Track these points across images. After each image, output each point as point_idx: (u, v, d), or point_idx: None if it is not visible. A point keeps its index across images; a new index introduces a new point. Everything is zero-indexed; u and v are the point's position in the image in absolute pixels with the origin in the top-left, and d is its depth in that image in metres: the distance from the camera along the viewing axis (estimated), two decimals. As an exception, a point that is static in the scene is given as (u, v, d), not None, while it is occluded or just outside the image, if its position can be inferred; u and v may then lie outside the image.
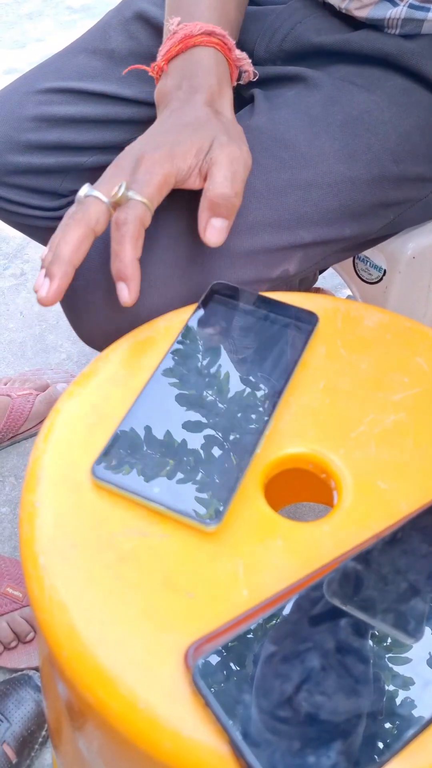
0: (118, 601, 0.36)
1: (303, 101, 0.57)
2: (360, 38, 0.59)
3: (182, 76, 0.52)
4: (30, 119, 0.65)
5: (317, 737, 0.30)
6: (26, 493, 0.40)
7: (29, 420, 1.01)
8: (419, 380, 0.46)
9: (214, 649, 0.32)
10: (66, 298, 0.54)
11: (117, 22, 0.67)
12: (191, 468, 0.40)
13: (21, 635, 0.82)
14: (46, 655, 0.41)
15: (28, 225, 0.71)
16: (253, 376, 0.45)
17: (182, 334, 0.47)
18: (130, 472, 0.40)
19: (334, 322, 0.49)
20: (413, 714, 0.31)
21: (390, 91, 0.57)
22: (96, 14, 2.11)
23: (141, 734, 0.32)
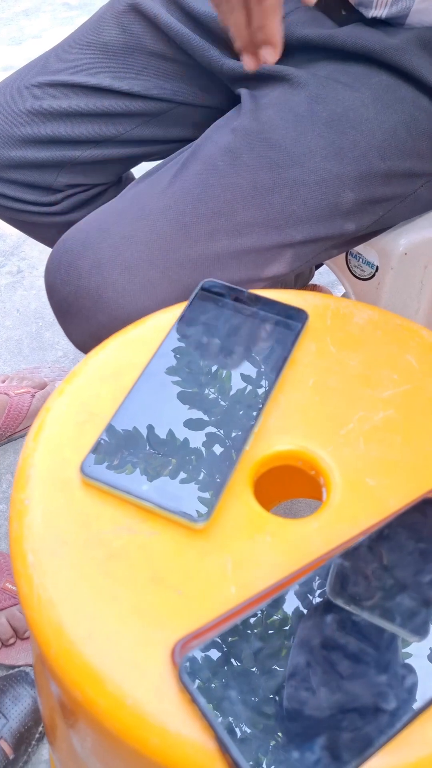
0: (106, 598, 0.36)
1: (288, 100, 0.57)
2: (344, 34, 0.59)
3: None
4: (24, 113, 0.65)
5: (302, 733, 0.30)
6: (16, 491, 0.40)
7: (27, 418, 1.01)
8: (409, 377, 0.46)
9: (200, 646, 0.32)
10: (57, 306, 0.54)
11: (110, 16, 0.67)
12: (180, 465, 0.40)
13: (19, 631, 0.82)
14: (38, 653, 0.41)
15: (23, 221, 0.71)
16: (242, 374, 0.45)
17: (171, 331, 0.47)
18: (120, 470, 0.40)
19: (324, 319, 0.49)
20: (398, 709, 0.31)
21: (374, 88, 0.57)
22: (93, 10, 2.10)
23: (128, 731, 0.33)
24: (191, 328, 0.47)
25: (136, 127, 0.67)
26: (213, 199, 0.53)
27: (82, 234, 0.54)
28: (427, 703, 0.31)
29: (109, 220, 0.54)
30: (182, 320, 0.47)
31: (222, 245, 0.53)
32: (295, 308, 0.48)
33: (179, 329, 0.47)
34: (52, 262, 0.54)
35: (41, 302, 1.26)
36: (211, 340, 0.47)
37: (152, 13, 0.65)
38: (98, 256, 0.52)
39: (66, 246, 0.54)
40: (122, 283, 0.51)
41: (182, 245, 0.52)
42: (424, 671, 0.32)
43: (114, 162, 0.67)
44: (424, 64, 0.57)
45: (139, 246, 0.52)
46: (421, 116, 0.58)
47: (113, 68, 0.66)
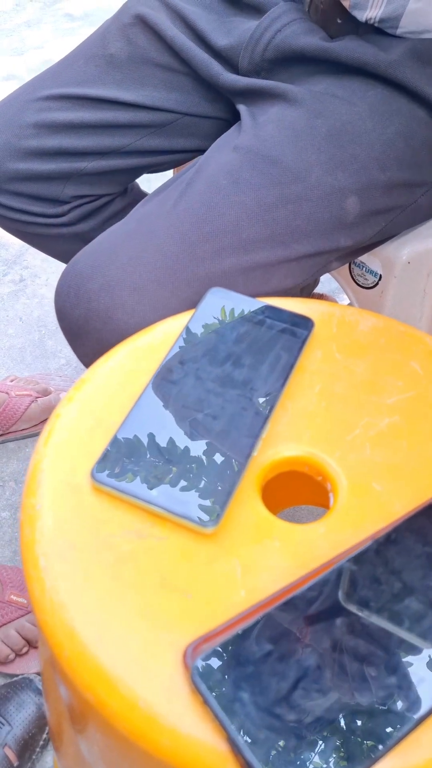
0: (117, 601, 0.36)
1: (287, 117, 0.58)
2: (339, 48, 0.60)
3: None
4: (30, 126, 0.66)
5: (314, 734, 0.30)
6: (27, 497, 0.41)
7: (22, 421, 1.01)
8: (413, 384, 0.46)
9: (212, 649, 0.33)
10: (68, 328, 0.55)
11: (116, 28, 0.68)
12: (189, 471, 0.41)
13: (32, 641, 0.82)
14: (48, 657, 0.41)
15: (30, 232, 0.72)
16: (250, 381, 0.46)
17: (179, 339, 0.47)
18: (129, 476, 0.40)
19: (330, 326, 0.50)
20: (407, 711, 0.31)
21: (371, 101, 0.58)
22: (95, 21, 2.12)
23: (140, 732, 0.33)
24: (198, 336, 0.48)
25: (141, 138, 0.68)
26: (218, 218, 0.54)
27: (91, 257, 0.54)
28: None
29: (117, 242, 0.55)
30: (189, 328, 0.48)
31: (229, 262, 0.54)
32: (301, 316, 0.49)
33: (187, 337, 0.48)
34: (62, 286, 0.55)
35: (44, 310, 1.26)
36: (218, 347, 0.47)
37: (157, 26, 0.66)
38: (107, 279, 0.53)
39: (75, 269, 0.54)
40: (132, 304, 0.52)
41: (189, 264, 0.53)
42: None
43: (120, 173, 0.68)
44: (418, 76, 0.58)
45: (147, 267, 0.53)
46: (418, 127, 0.59)
47: (119, 80, 0.67)
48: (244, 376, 0.46)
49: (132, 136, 0.68)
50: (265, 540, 0.39)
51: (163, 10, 0.67)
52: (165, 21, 0.66)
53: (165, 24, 0.66)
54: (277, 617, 0.34)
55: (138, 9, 0.67)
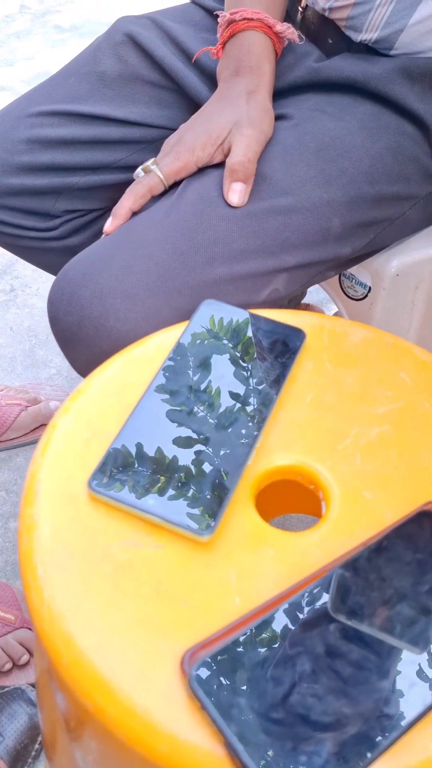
0: (114, 609, 0.37)
1: (277, 134, 0.60)
2: (329, 68, 0.61)
3: (230, 59, 0.63)
4: (23, 142, 0.67)
5: (309, 737, 0.31)
6: (25, 507, 0.41)
7: (11, 430, 1.02)
8: (402, 394, 0.47)
9: (209, 656, 0.34)
10: (61, 335, 0.56)
11: (107, 46, 0.69)
12: (184, 481, 0.41)
13: (15, 658, 0.81)
14: (44, 667, 0.42)
15: (22, 246, 0.73)
16: (243, 391, 0.46)
17: (174, 351, 0.48)
18: (126, 486, 0.41)
19: (321, 338, 0.51)
20: (400, 714, 0.32)
21: (359, 117, 0.60)
22: (84, 33, 2.14)
23: (138, 738, 0.33)
24: (192, 347, 0.49)
25: (132, 154, 0.69)
26: (209, 228, 0.55)
27: (83, 265, 0.55)
28: (427, 708, 0.32)
29: (109, 251, 0.55)
30: (183, 340, 0.49)
31: (219, 272, 0.55)
32: (293, 328, 0.50)
33: (180, 349, 0.48)
34: (55, 294, 0.56)
35: (34, 320, 1.27)
36: (211, 359, 0.48)
37: (147, 45, 0.67)
38: (100, 286, 0.53)
39: (68, 277, 0.55)
40: (124, 312, 0.53)
41: (181, 273, 0.54)
42: (424, 677, 0.33)
43: (111, 187, 0.68)
44: (406, 92, 0.60)
45: (139, 275, 0.53)
46: (406, 142, 0.61)
47: (110, 97, 0.68)
48: (237, 387, 0.46)
49: (123, 151, 0.69)
50: (259, 548, 0.40)
51: (153, 29, 0.69)
52: (155, 40, 0.68)
53: (155, 43, 0.67)
54: (271, 624, 0.35)
55: (129, 28, 0.69)
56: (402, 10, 0.59)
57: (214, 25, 0.68)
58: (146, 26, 0.69)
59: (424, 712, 0.32)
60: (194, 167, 0.59)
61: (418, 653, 0.34)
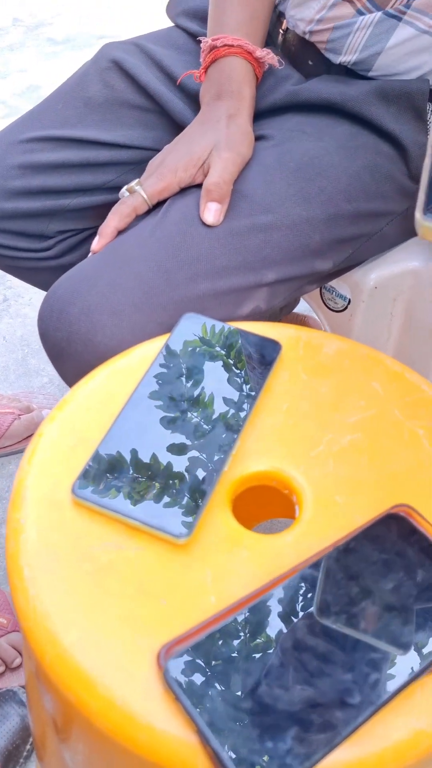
0: (96, 608, 0.39)
1: (257, 153, 0.62)
2: (308, 90, 0.64)
3: (212, 83, 0.65)
4: (15, 167, 0.69)
5: (275, 725, 0.33)
6: (12, 511, 0.43)
7: (5, 438, 1.04)
8: (374, 403, 0.50)
9: (183, 650, 0.36)
10: (51, 350, 0.58)
11: (93, 72, 0.72)
12: (164, 486, 0.44)
13: (7, 661, 0.83)
14: (32, 669, 0.44)
15: (17, 266, 0.75)
16: (221, 400, 0.49)
17: (155, 362, 0.50)
18: (108, 491, 0.43)
19: (297, 349, 0.53)
20: (361, 703, 0.34)
21: (338, 137, 0.63)
22: (77, 46, 2.17)
23: (118, 729, 0.36)
24: (173, 358, 0.51)
25: (121, 175, 0.72)
26: (192, 246, 0.57)
27: (71, 282, 0.58)
28: (387, 698, 0.35)
29: (96, 269, 0.58)
30: (165, 352, 0.51)
31: (203, 288, 0.57)
32: (270, 340, 0.52)
33: (162, 360, 0.51)
34: (45, 311, 0.58)
35: (27, 330, 1.29)
36: (191, 369, 0.50)
37: (132, 71, 0.70)
38: (87, 303, 0.56)
39: (57, 294, 0.57)
40: (111, 327, 0.55)
41: (165, 289, 0.56)
42: (385, 670, 0.36)
43: (102, 207, 0.71)
44: (382, 113, 0.63)
45: (125, 292, 0.56)
46: (383, 161, 0.63)
47: (97, 121, 0.70)
48: (215, 396, 0.49)
49: (112, 173, 0.71)
50: (234, 549, 0.42)
51: (138, 54, 0.71)
52: (140, 66, 0.70)
53: (140, 69, 0.70)
54: (242, 620, 0.37)
55: (114, 54, 0.71)
56: (379, 34, 0.61)
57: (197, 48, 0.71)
58: (131, 52, 0.71)
59: (385, 701, 0.35)
60: (177, 187, 0.61)
61: (381, 647, 0.36)
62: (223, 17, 0.65)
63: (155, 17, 2.26)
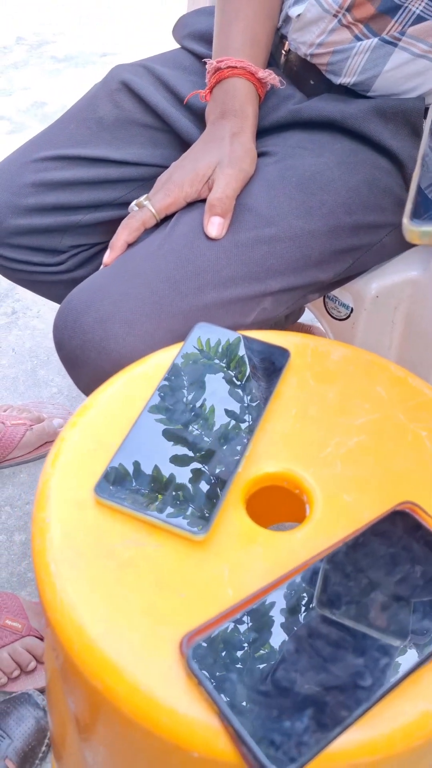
0: (120, 601, 0.41)
1: (261, 169, 0.65)
2: (309, 109, 0.67)
3: (216, 103, 0.68)
4: (29, 185, 0.72)
5: (292, 706, 0.35)
6: (37, 511, 0.46)
7: (18, 448, 1.06)
8: (378, 406, 0.52)
9: (204, 638, 0.38)
10: (66, 358, 0.61)
11: (104, 93, 0.75)
12: (181, 486, 0.46)
13: (23, 665, 0.85)
14: (56, 667, 0.46)
15: (32, 280, 0.78)
16: (233, 406, 0.51)
17: (171, 369, 0.53)
18: (128, 491, 0.46)
19: (305, 356, 0.55)
20: (372, 685, 0.36)
21: (338, 153, 0.66)
22: (80, 63, 2.21)
23: (143, 713, 0.38)
24: (188, 366, 0.53)
25: (132, 191, 0.75)
26: (199, 258, 0.60)
27: (85, 294, 0.60)
28: (397, 681, 0.37)
29: (109, 280, 0.61)
30: (179, 359, 0.54)
31: (210, 297, 0.60)
32: (278, 347, 0.55)
33: (177, 367, 0.53)
34: (59, 320, 0.61)
35: (35, 341, 1.32)
36: (204, 376, 0.53)
37: (141, 92, 0.73)
38: (100, 313, 0.58)
39: (71, 305, 0.60)
40: (123, 335, 0.58)
41: (174, 299, 0.59)
42: (394, 654, 0.38)
43: (113, 222, 0.74)
44: (381, 130, 0.66)
45: (137, 302, 0.58)
46: (381, 175, 0.66)
47: (108, 140, 0.73)
48: (228, 402, 0.51)
49: (123, 189, 0.74)
50: (249, 546, 0.44)
51: (146, 75, 0.74)
52: (148, 87, 0.73)
53: (148, 90, 0.73)
54: (259, 610, 0.39)
55: (123, 76, 0.74)
56: (377, 59, 0.65)
57: (202, 69, 0.74)
58: (139, 73, 0.75)
59: (395, 683, 0.37)
60: (183, 202, 0.64)
61: (389, 636, 0.39)
62: (227, 40, 0.68)
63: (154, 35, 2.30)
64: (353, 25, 0.64)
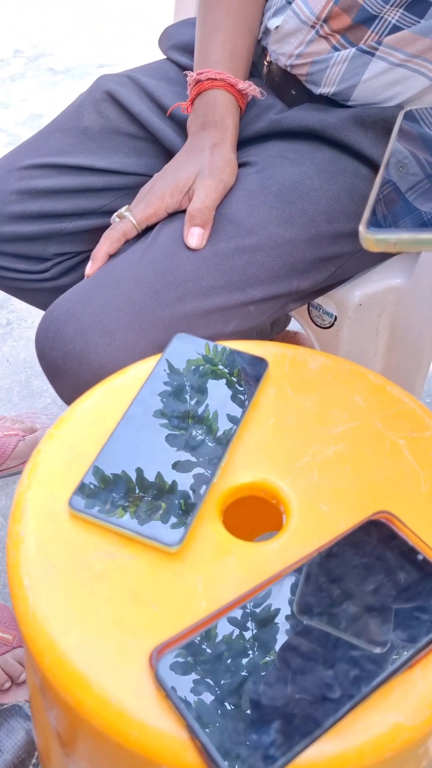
0: (92, 613, 0.41)
1: (241, 179, 0.65)
2: (290, 118, 0.67)
3: (197, 114, 0.69)
4: (14, 193, 0.72)
5: (260, 719, 0.35)
6: (12, 524, 0.46)
7: (11, 459, 1.06)
8: (356, 415, 0.52)
9: (174, 651, 0.38)
10: (47, 369, 0.61)
11: (88, 103, 0.76)
12: (156, 497, 0.46)
13: (13, 676, 0.85)
14: (36, 682, 0.46)
15: (17, 287, 0.78)
16: (211, 416, 0.51)
17: (148, 381, 0.53)
18: (103, 503, 0.45)
19: (283, 366, 0.55)
20: (341, 698, 0.36)
21: (318, 162, 0.66)
22: (76, 75, 2.23)
23: (112, 726, 0.38)
24: (165, 377, 0.53)
25: (116, 200, 0.75)
26: (179, 268, 0.60)
27: (66, 304, 0.61)
28: (366, 693, 0.37)
29: (90, 291, 0.61)
30: (157, 370, 0.54)
31: (190, 307, 0.60)
32: (257, 357, 0.55)
33: (154, 379, 0.53)
34: (41, 331, 0.61)
35: (30, 352, 1.32)
36: (182, 387, 0.53)
37: (125, 101, 0.74)
38: (81, 324, 0.59)
39: (52, 316, 0.60)
40: (104, 346, 0.58)
41: (155, 309, 0.59)
42: (365, 667, 0.38)
43: (97, 230, 0.74)
44: (361, 139, 0.66)
45: (117, 312, 0.59)
46: (362, 183, 0.66)
47: (93, 149, 0.74)
48: (205, 412, 0.51)
49: (107, 197, 0.75)
50: (224, 557, 0.44)
51: (130, 86, 0.75)
52: (132, 97, 0.74)
53: (132, 99, 0.73)
54: (229, 622, 0.39)
55: (108, 86, 0.75)
56: (355, 68, 0.65)
57: (186, 80, 0.74)
58: (124, 84, 0.75)
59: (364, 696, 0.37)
60: (164, 213, 0.65)
61: (361, 645, 0.38)
62: (207, 53, 0.69)
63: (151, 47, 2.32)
64: (331, 36, 0.65)
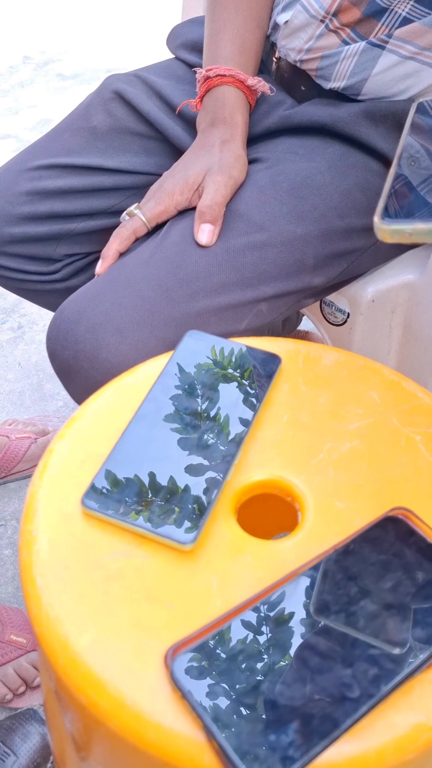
0: (107, 614, 0.41)
1: (252, 175, 0.65)
2: (299, 114, 0.67)
3: (207, 111, 0.69)
4: (23, 194, 0.72)
5: (278, 720, 0.34)
6: (24, 524, 0.45)
7: (23, 462, 1.06)
8: (372, 411, 0.51)
9: (189, 650, 0.37)
10: (59, 368, 0.61)
11: (97, 102, 0.75)
12: (169, 496, 0.45)
13: (28, 680, 0.85)
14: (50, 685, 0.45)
15: (27, 289, 0.78)
16: (224, 413, 0.50)
17: (160, 379, 0.53)
18: (116, 502, 0.45)
19: (296, 362, 0.55)
20: (360, 698, 0.35)
21: (329, 157, 0.65)
22: (85, 80, 2.23)
23: (128, 728, 0.37)
24: (177, 375, 0.53)
25: (125, 199, 0.75)
26: (191, 265, 0.60)
27: (77, 303, 0.60)
28: (386, 692, 0.36)
29: (100, 289, 0.60)
30: (169, 368, 0.53)
31: (202, 304, 0.59)
32: (270, 354, 0.54)
33: (166, 377, 0.53)
34: (52, 330, 0.61)
35: (41, 356, 1.32)
36: (195, 384, 0.52)
37: (134, 101, 0.73)
38: (92, 322, 0.58)
39: (63, 315, 0.60)
40: (115, 344, 0.58)
41: (166, 307, 0.59)
42: (384, 666, 0.37)
43: (107, 231, 0.74)
44: (371, 133, 0.65)
45: (128, 311, 0.58)
46: (373, 178, 0.66)
47: (102, 149, 0.73)
48: (218, 410, 0.51)
49: (116, 197, 0.74)
50: (238, 555, 0.44)
51: (139, 85, 0.75)
52: (141, 96, 0.73)
53: (141, 98, 0.73)
54: (245, 621, 0.38)
55: (117, 86, 0.75)
56: (365, 62, 0.64)
57: (194, 78, 0.74)
58: (132, 83, 0.75)
59: (383, 695, 0.36)
60: (174, 210, 0.64)
61: (380, 644, 0.38)
62: (216, 49, 0.68)
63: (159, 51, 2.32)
64: (340, 30, 0.64)
